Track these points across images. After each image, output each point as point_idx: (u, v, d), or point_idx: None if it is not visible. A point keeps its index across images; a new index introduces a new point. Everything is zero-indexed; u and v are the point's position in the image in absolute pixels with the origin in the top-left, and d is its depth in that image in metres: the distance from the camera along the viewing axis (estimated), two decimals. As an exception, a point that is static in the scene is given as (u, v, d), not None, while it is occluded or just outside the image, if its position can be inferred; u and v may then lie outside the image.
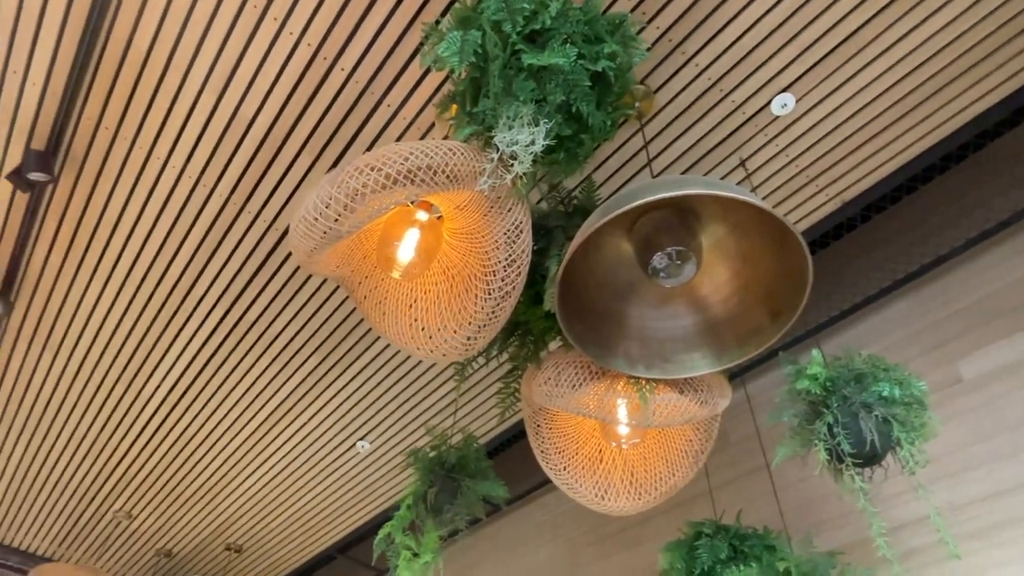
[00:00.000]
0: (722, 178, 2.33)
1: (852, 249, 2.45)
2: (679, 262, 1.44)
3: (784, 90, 2.07)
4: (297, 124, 2.21)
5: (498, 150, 1.32)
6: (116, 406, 3.41)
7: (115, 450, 3.71)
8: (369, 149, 2.27)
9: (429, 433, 2.21)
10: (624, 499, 1.86)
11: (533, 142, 1.27)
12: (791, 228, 1.27)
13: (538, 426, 1.91)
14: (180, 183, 2.39)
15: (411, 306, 1.64)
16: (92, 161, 2.33)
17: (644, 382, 1.56)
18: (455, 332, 1.58)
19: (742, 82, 2.05)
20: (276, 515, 4.16)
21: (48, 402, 3.42)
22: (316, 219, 1.37)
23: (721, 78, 2.04)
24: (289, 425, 3.45)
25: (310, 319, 2.87)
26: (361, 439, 3.51)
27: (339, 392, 3.24)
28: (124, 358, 3.13)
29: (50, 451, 3.75)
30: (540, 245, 1.70)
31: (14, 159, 2.33)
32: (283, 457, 3.68)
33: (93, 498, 4.14)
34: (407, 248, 1.58)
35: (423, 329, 1.64)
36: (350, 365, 3.08)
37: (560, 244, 1.64)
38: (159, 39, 2.02)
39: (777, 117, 2.14)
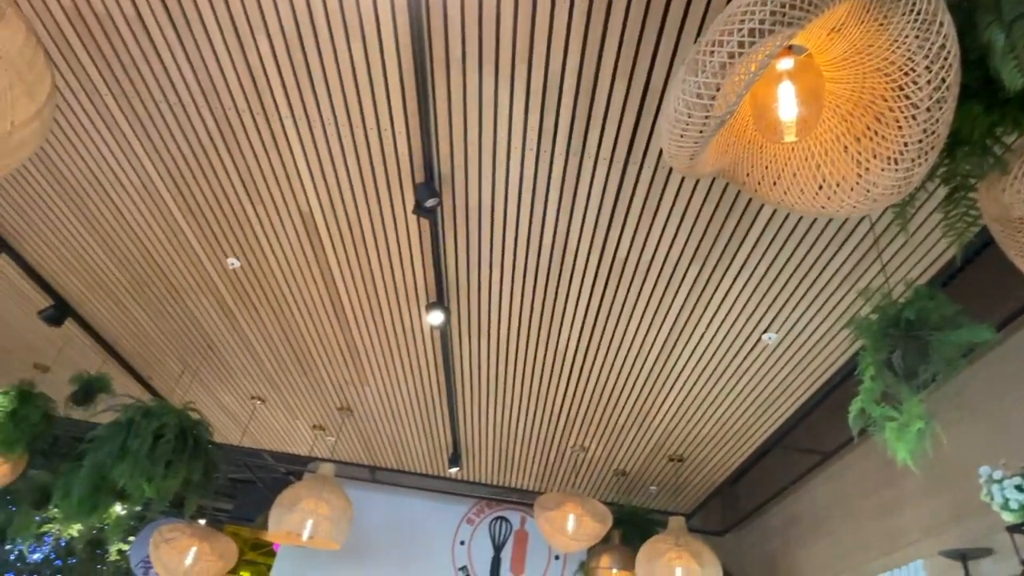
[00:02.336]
0: None
1: None
2: None
3: None
4: (602, 52, 2.18)
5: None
6: (543, 366, 4.00)
7: (555, 400, 4.37)
8: (678, 40, 2.11)
9: (863, 296, 1.97)
10: None
11: None
12: None
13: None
14: (526, 156, 2.61)
15: (817, 166, 1.45)
16: (457, 171, 2.73)
17: None
18: (884, 171, 1.33)
19: None
20: (704, 422, 4.36)
21: (496, 378, 4.21)
22: (689, 115, 1.30)
23: None
24: (689, 338, 3.54)
25: (676, 232, 2.86)
26: (764, 332, 3.40)
27: (728, 292, 3.17)
28: (535, 326, 3.63)
29: (511, 413, 4.63)
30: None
31: (409, 196, 2.87)
32: (693, 368, 3.81)
33: (552, 440, 4.98)
34: (788, 105, 1.40)
35: (838, 185, 1.44)
36: (729, 264, 2.99)
37: (994, 6, 1.24)
38: (467, 38, 2.21)
39: None
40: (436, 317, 3.42)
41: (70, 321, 4.28)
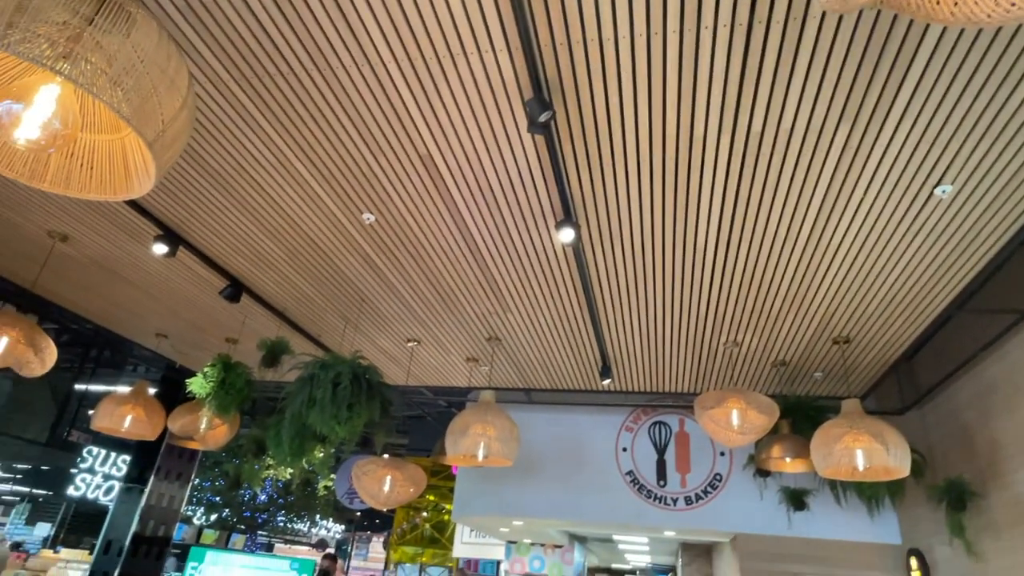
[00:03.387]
0: None
1: None
2: None
3: None
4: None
5: None
6: (683, 265, 3.86)
7: (701, 298, 4.24)
8: None
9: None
10: None
11: None
12: None
13: None
14: (636, 44, 2.42)
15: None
16: (566, 77, 2.61)
17: None
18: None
19: None
20: (871, 297, 4.02)
21: (636, 285, 4.15)
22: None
23: None
24: (845, 207, 3.23)
25: (818, 92, 2.55)
26: (936, 185, 2.99)
27: (886, 149, 2.81)
28: (670, 224, 3.49)
29: (656, 319, 4.58)
30: None
31: (521, 115, 2.81)
32: (852, 240, 3.48)
33: (703, 340, 4.87)
34: None
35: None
36: (885, 117, 2.62)
37: None
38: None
39: None
40: (567, 234, 3.40)
41: (246, 296, 4.82)
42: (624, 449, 6.79)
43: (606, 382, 5.72)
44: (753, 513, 6.19)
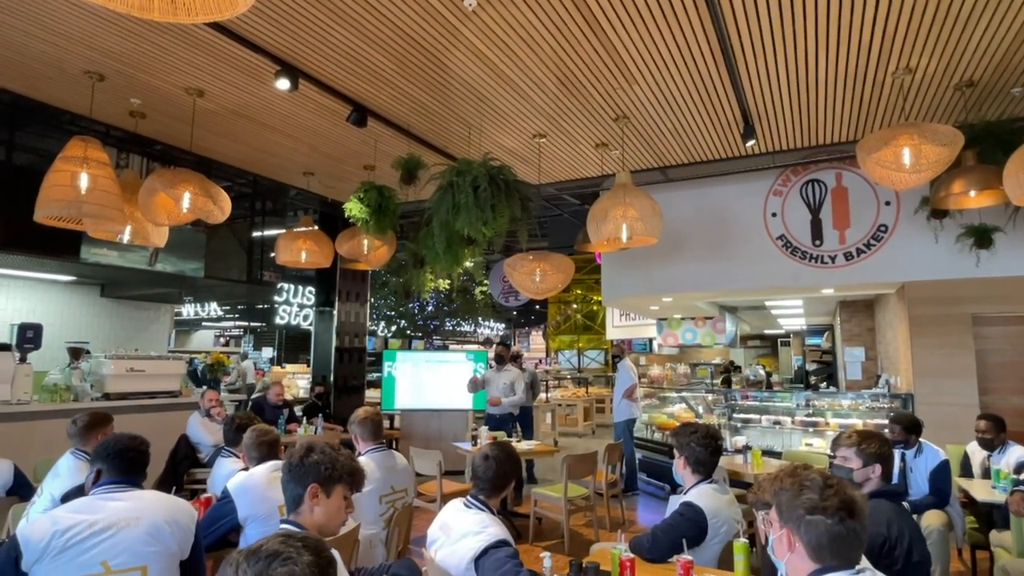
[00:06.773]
0: None
1: None
2: None
3: None
4: None
5: None
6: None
7: (861, 22, 3.56)
8: None
9: None
10: None
11: None
12: None
13: None
14: None
15: None
16: None
17: None
18: None
19: None
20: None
21: (781, 19, 3.55)
22: None
23: None
24: None
25: None
26: None
27: None
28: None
29: (806, 57, 3.97)
30: None
31: None
32: None
33: (865, 73, 4.21)
34: None
35: None
36: None
37: None
38: None
39: None
40: (694, -32, 2.91)
41: (371, 120, 4.91)
42: (773, 214, 6.48)
43: (750, 143, 5.28)
44: (923, 259, 5.79)
